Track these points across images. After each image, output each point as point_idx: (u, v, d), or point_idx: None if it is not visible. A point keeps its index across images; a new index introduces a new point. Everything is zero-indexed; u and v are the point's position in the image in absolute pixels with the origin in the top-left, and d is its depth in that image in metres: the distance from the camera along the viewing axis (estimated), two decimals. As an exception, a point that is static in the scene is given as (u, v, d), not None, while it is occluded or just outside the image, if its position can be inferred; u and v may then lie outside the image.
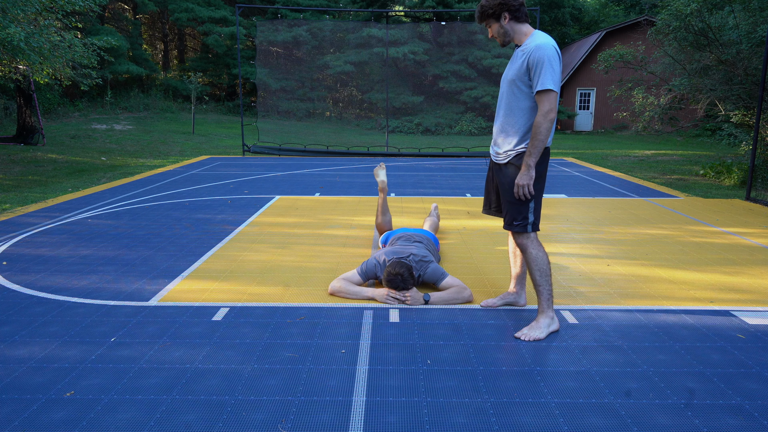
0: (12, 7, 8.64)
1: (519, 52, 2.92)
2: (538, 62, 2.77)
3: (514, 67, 2.92)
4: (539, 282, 2.99)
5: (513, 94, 2.92)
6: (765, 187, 7.36)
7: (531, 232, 2.99)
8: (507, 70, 3.00)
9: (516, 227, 2.98)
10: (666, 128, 18.95)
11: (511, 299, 3.39)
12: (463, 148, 14.95)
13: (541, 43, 2.80)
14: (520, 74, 2.87)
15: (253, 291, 3.66)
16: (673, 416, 2.23)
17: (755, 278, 3.99)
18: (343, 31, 21.37)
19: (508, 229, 3.03)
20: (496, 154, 3.05)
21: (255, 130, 17.53)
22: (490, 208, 3.28)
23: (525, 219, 2.96)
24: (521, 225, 2.97)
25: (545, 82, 2.76)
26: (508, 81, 2.95)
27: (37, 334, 2.96)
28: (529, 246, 2.99)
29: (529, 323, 3.11)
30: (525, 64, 2.83)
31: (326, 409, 2.27)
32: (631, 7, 32.53)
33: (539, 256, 2.98)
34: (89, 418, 2.19)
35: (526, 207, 2.95)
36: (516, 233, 3.01)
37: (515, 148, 2.94)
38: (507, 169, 2.98)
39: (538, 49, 2.79)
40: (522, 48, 2.90)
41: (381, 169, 5.05)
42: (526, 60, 2.82)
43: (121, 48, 21.37)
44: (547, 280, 2.98)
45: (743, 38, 9.12)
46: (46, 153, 12.57)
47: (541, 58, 2.77)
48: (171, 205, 6.66)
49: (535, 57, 2.78)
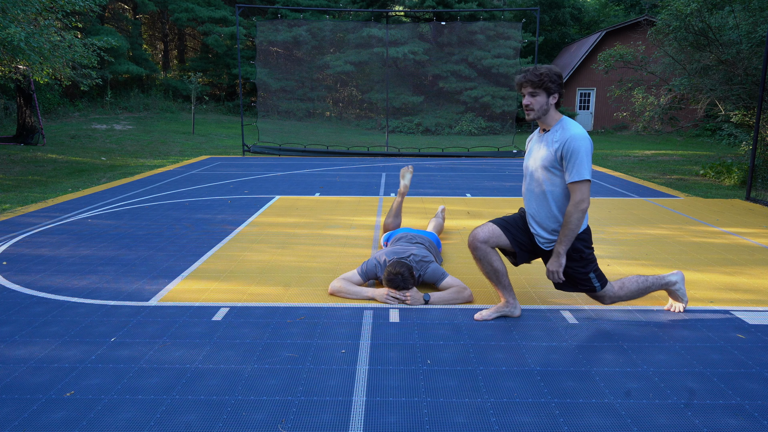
0: (12, 7, 8.64)
1: (547, 139, 2.96)
2: (575, 152, 2.84)
3: (543, 154, 2.96)
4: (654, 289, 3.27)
5: (548, 180, 2.97)
6: (765, 187, 7.36)
7: (602, 291, 3.14)
8: (534, 156, 3.04)
9: (584, 290, 3.13)
10: (666, 128, 18.94)
11: (506, 311, 3.23)
12: (463, 148, 14.95)
13: (576, 133, 2.86)
14: (551, 161, 2.93)
15: (253, 291, 3.66)
16: (673, 416, 2.23)
17: (755, 278, 3.99)
18: (343, 31, 21.36)
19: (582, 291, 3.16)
20: (539, 239, 3.09)
21: (255, 130, 17.54)
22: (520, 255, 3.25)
23: (590, 284, 3.08)
24: (589, 289, 3.11)
25: (582, 173, 2.83)
26: (541, 168, 2.98)
27: (37, 334, 2.96)
28: (607, 297, 3.18)
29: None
30: (559, 152, 2.89)
31: (326, 409, 2.27)
32: (631, 7, 32.52)
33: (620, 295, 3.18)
34: (89, 418, 2.19)
35: (588, 279, 3.07)
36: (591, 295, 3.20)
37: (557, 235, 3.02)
38: None
39: (574, 139, 2.85)
40: (552, 135, 2.94)
41: (408, 173, 4.94)
42: (561, 149, 2.88)
43: (121, 48, 21.36)
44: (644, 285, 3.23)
45: (743, 38, 9.12)
46: (46, 153, 12.57)
47: (578, 149, 2.84)
48: (171, 205, 6.66)
49: (572, 147, 2.85)
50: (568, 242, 2.91)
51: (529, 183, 3.09)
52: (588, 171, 2.84)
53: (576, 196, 2.86)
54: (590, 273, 3.05)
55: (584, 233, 3.03)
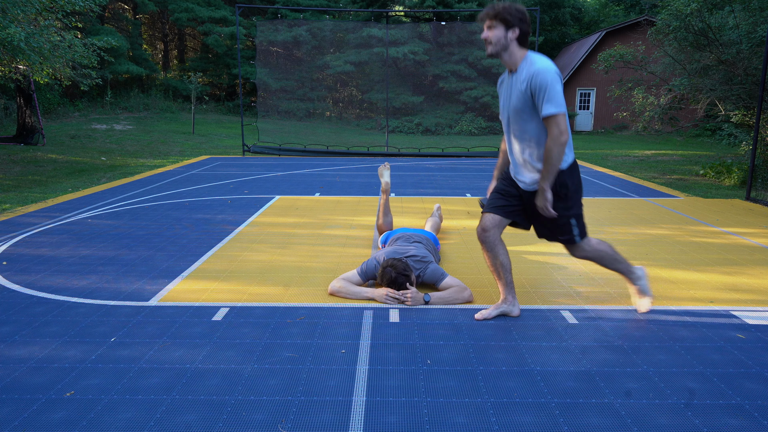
0: (12, 7, 8.64)
1: (515, 80, 2.88)
2: (542, 86, 2.76)
3: (515, 95, 2.89)
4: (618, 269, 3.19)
5: (524, 120, 2.89)
6: (765, 187, 7.36)
7: (580, 242, 3.06)
8: (506, 100, 2.96)
9: (563, 241, 3.06)
10: (666, 128, 18.95)
11: (506, 309, 3.24)
12: (463, 148, 14.95)
13: (540, 67, 2.78)
14: (524, 100, 2.84)
15: (253, 291, 3.66)
16: (673, 416, 2.23)
17: (755, 278, 3.99)
18: (343, 31, 21.37)
19: (560, 242, 3.10)
20: (523, 182, 3.04)
21: (255, 130, 17.54)
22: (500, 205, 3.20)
23: (570, 233, 3.03)
24: (569, 239, 3.04)
25: (555, 105, 2.75)
26: (514, 110, 2.91)
27: (37, 334, 2.96)
28: (587, 252, 3.10)
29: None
30: (528, 91, 2.81)
31: (326, 409, 2.27)
32: (631, 7, 32.54)
33: (599, 250, 3.11)
34: (89, 418, 2.19)
35: (568, 224, 3.00)
36: (568, 246, 3.10)
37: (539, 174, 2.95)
38: None
39: (539, 73, 2.77)
40: (518, 74, 2.87)
41: (386, 170, 5.01)
42: (528, 87, 2.80)
43: (121, 48, 21.37)
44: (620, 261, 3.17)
45: (743, 38, 9.12)
46: (46, 153, 12.57)
47: (545, 82, 2.75)
48: (171, 205, 6.66)
49: (538, 81, 2.77)
50: (551, 178, 2.84)
51: (507, 128, 3.03)
52: (560, 102, 2.74)
53: (553, 131, 2.77)
54: (572, 218, 2.99)
55: (571, 168, 2.95)
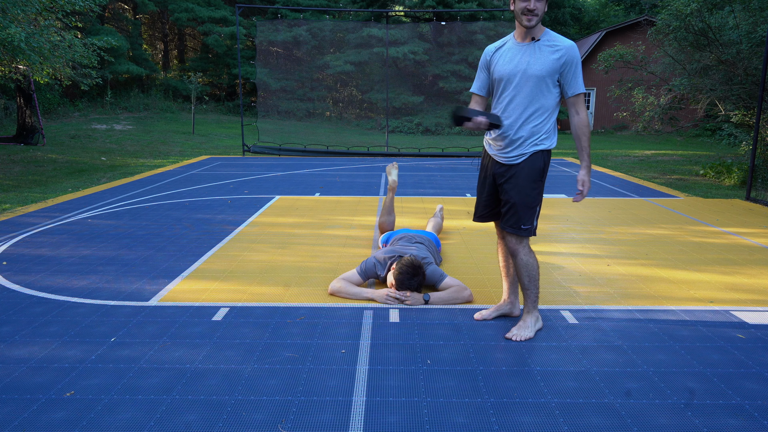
0: (12, 7, 8.64)
1: (536, 48, 2.73)
2: (577, 63, 2.74)
3: (539, 62, 2.72)
4: (527, 286, 2.96)
5: (541, 91, 2.76)
6: (765, 187, 7.36)
7: (527, 237, 2.92)
8: (529, 64, 2.74)
9: (524, 231, 2.86)
10: (666, 128, 18.93)
11: (506, 310, 3.24)
12: (463, 148, 14.95)
13: (573, 44, 2.75)
14: (552, 70, 2.72)
15: (253, 291, 3.66)
16: (673, 416, 2.23)
17: (755, 278, 3.99)
18: (343, 31, 21.36)
19: (514, 232, 2.87)
20: (507, 152, 2.85)
21: (255, 130, 17.53)
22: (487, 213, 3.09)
23: (532, 223, 2.89)
24: (528, 230, 2.88)
25: (580, 86, 2.77)
26: (536, 77, 2.73)
27: (37, 334, 2.96)
28: (521, 251, 2.91)
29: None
30: (562, 60, 2.71)
31: (326, 409, 2.27)
32: (631, 7, 32.53)
33: (530, 262, 2.93)
34: (89, 418, 2.19)
35: (534, 211, 2.88)
36: (516, 237, 2.89)
37: (533, 147, 2.81)
38: (523, 169, 2.83)
39: (573, 48, 2.73)
40: (545, 43, 2.74)
41: (394, 168, 5.00)
42: (564, 58, 2.71)
43: (121, 48, 21.36)
44: (535, 285, 2.96)
45: (743, 38, 9.12)
46: (46, 153, 12.56)
47: (577, 58, 2.74)
48: (171, 205, 6.66)
49: (574, 56, 2.72)
50: (589, 155, 2.84)
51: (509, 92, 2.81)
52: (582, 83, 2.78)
53: (581, 109, 2.79)
54: (537, 206, 2.88)
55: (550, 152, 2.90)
